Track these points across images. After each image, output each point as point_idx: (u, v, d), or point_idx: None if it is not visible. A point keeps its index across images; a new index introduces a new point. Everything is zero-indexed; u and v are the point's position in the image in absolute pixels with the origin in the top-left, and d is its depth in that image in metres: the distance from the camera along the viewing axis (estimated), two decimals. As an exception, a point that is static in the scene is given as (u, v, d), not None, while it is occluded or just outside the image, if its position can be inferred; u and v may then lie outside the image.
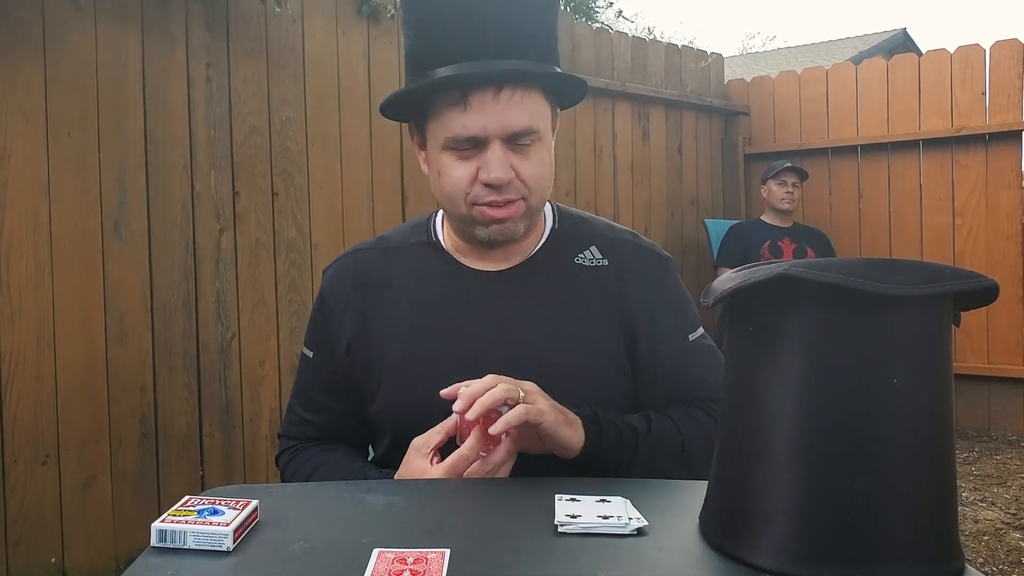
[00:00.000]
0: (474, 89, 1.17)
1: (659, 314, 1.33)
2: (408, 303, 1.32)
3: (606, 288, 1.32)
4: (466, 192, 1.22)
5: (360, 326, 1.33)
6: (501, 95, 1.17)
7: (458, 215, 1.26)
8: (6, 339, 2.78)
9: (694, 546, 0.88)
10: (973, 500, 3.93)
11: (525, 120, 1.19)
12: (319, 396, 1.39)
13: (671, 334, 1.34)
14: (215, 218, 3.29)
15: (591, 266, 1.33)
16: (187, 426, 3.21)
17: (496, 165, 1.18)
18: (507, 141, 1.19)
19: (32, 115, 2.84)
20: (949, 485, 0.81)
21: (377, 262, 1.37)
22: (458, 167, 1.21)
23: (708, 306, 0.90)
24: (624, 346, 1.31)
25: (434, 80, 1.17)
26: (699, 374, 1.34)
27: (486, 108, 1.17)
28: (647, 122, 5.32)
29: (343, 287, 1.37)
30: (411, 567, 0.81)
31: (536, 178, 1.22)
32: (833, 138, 5.55)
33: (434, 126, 1.23)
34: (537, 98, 1.21)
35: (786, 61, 16.09)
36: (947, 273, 0.79)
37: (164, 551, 0.87)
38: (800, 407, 0.79)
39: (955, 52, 5.07)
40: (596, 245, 1.36)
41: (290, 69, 3.53)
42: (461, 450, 1.11)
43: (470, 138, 1.19)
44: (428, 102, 1.22)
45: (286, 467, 1.41)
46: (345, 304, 1.35)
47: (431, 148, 1.25)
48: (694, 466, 1.25)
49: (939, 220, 5.17)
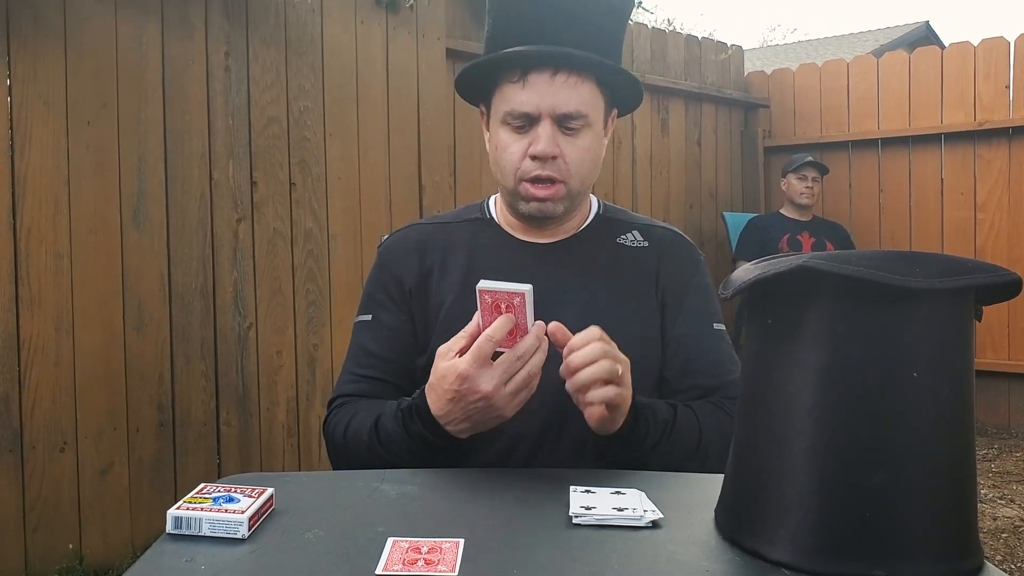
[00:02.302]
0: (533, 68, 1.28)
1: (689, 298, 1.42)
2: (463, 268, 1.40)
3: (645, 267, 1.42)
4: (517, 166, 1.32)
5: (422, 282, 1.41)
6: (557, 77, 1.27)
7: (507, 188, 1.37)
8: (25, 326, 2.80)
9: (709, 539, 0.87)
10: (992, 497, 3.90)
11: (575, 103, 1.28)
12: (374, 348, 1.40)
13: (697, 317, 1.42)
14: (233, 207, 3.30)
15: (632, 246, 1.43)
16: (204, 414, 3.23)
17: (544, 140, 1.28)
18: (558, 122, 1.29)
19: (52, 103, 2.86)
20: (968, 481, 0.80)
21: (435, 233, 1.46)
22: (512, 142, 1.32)
23: (726, 298, 0.89)
24: (658, 320, 1.39)
25: (498, 55, 1.29)
26: (715, 359, 1.40)
27: (541, 87, 1.28)
28: (666, 114, 5.30)
29: (406, 251, 1.44)
30: (425, 556, 0.81)
31: (578, 162, 1.32)
32: (854, 131, 5.50)
33: (497, 100, 1.34)
34: (591, 87, 1.30)
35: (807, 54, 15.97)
36: (969, 266, 0.78)
37: (180, 538, 0.87)
38: (818, 400, 0.79)
39: (979, 45, 5.02)
40: (638, 230, 1.46)
41: (308, 59, 3.53)
42: (486, 332, 1.10)
43: (524, 114, 1.29)
44: (494, 79, 1.33)
45: (329, 423, 1.37)
46: (408, 263, 1.43)
47: (492, 123, 1.36)
48: (708, 464, 1.26)
49: (960, 215, 5.12)
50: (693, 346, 1.39)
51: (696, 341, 1.40)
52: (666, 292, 1.41)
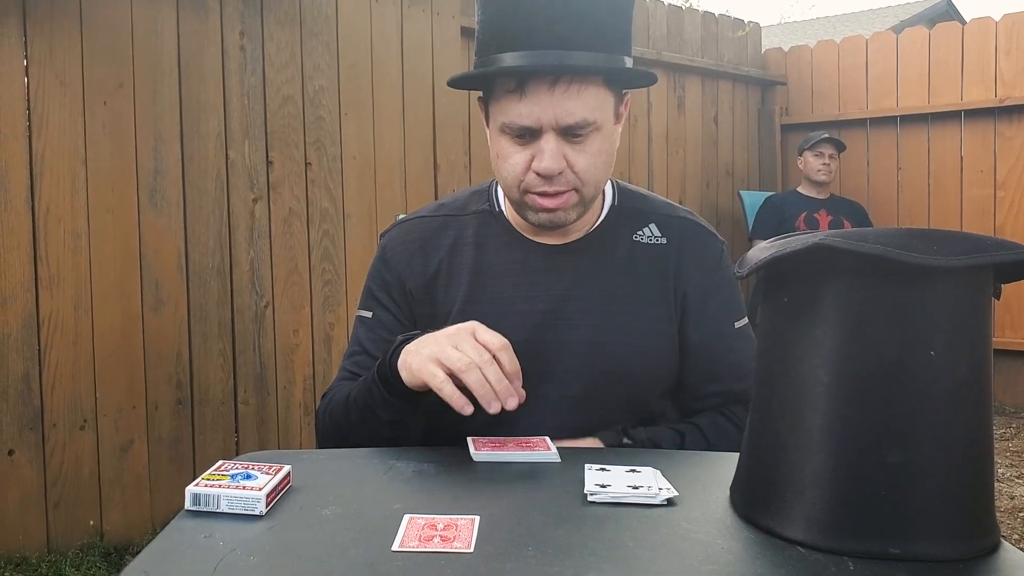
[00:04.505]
0: (530, 80, 1.16)
1: (711, 297, 1.35)
2: (470, 268, 1.33)
3: (663, 266, 1.33)
4: (520, 179, 1.22)
5: (424, 284, 1.35)
6: (557, 87, 1.16)
7: (512, 198, 1.27)
8: (45, 305, 2.83)
9: (724, 517, 0.87)
10: (1009, 476, 3.88)
11: (580, 113, 1.17)
12: (372, 349, 1.37)
13: (718, 318, 1.35)
14: (249, 187, 3.31)
15: (650, 243, 1.34)
16: (222, 392, 3.25)
17: (548, 156, 1.18)
18: (561, 133, 1.19)
19: (69, 84, 2.86)
20: (985, 460, 0.79)
21: (440, 228, 1.38)
22: (514, 153, 1.22)
23: (742, 276, 0.89)
24: (675, 324, 1.32)
25: (492, 69, 1.18)
26: (738, 361, 1.33)
27: (540, 99, 1.16)
28: (683, 92, 5.26)
29: (410, 248, 1.38)
30: (441, 533, 0.81)
31: (589, 170, 1.22)
32: (872, 109, 5.45)
33: (494, 108, 1.24)
34: (596, 90, 1.19)
35: (825, 30, 15.80)
36: (988, 244, 0.77)
37: (198, 514, 0.88)
38: (834, 379, 0.78)
39: (1000, 20, 4.95)
40: (655, 223, 1.36)
41: (323, 38, 3.52)
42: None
43: (524, 127, 1.19)
44: (490, 85, 1.23)
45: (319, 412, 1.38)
46: (412, 261, 1.37)
47: (492, 128, 1.26)
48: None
49: (980, 192, 5.07)
50: (714, 350, 1.33)
51: (718, 345, 1.34)
52: (686, 294, 1.33)
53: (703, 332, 1.33)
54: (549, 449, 1.10)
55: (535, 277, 1.31)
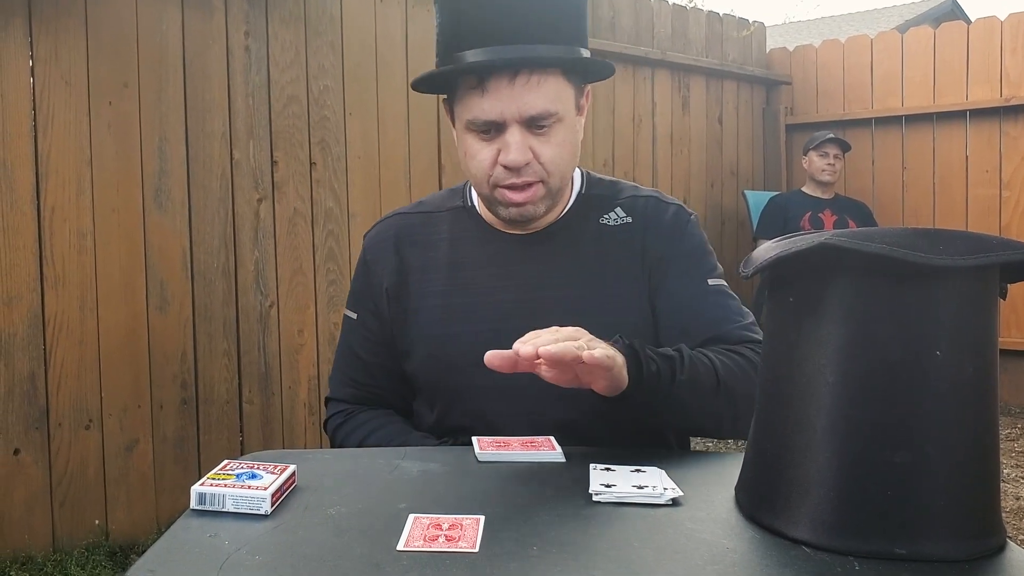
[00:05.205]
0: (491, 74, 1.20)
1: (676, 260, 1.35)
2: (444, 263, 1.37)
3: (630, 245, 1.35)
4: (488, 174, 1.26)
5: (399, 282, 1.39)
6: (517, 80, 1.20)
7: (482, 194, 1.32)
8: (50, 304, 2.83)
9: (729, 517, 0.87)
10: (1015, 477, 3.88)
11: (542, 104, 1.21)
12: (364, 354, 1.43)
13: (688, 277, 1.35)
14: (254, 187, 3.31)
15: (616, 226, 1.36)
16: (227, 392, 3.25)
17: (514, 148, 1.22)
18: (525, 125, 1.22)
19: (74, 84, 2.87)
20: (991, 460, 0.79)
21: (416, 225, 1.43)
22: (481, 149, 1.25)
23: (747, 277, 0.89)
24: (648, 301, 1.34)
25: (452, 68, 1.22)
26: (717, 315, 1.33)
27: (502, 93, 1.20)
28: (687, 91, 5.25)
29: (384, 246, 1.42)
30: (446, 533, 0.81)
31: (554, 160, 1.25)
32: (877, 108, 5.43)
33: (459, 108, 1.28)
34: (557, 81, 1.23)
35: (830, 30, 15.78)
36: (994, 244, 0.77)
37: (203, 514, 0.88)
38: (840, 378, 0.78)
39: (1006, 20, 4.94)
40: (621, 206, 1.39)
41: (328, 38, 3.52)
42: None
43: (488, 122, 1.22)
44: (453, 84, 1.27)
45: (337, 431, 1.42)
46: (386, 261, 1.40)
47: (458, 128, 1.30)
48: (736, 402, 1.20)
49: (985, 192, 5.06)
50: (687, 309, 1.32)
51: (690, 303, 1.33)
52: (653, 266, 1.34)
53: (674, 294, 1.33)
54: (554, 449, 1.10)
55: (508, 267, 1.34)
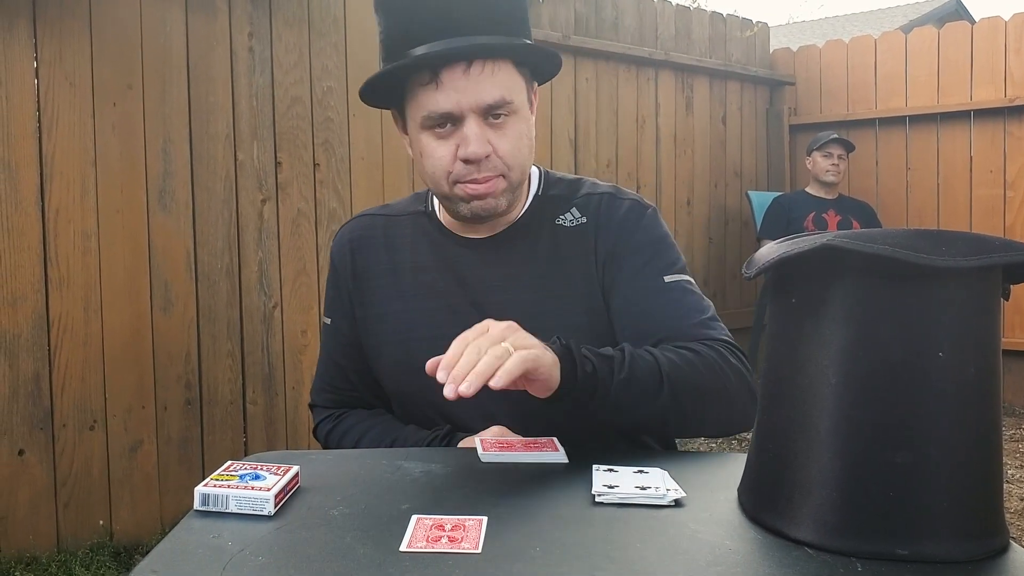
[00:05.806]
0: (444, 66, 1.19)
1: (628, 258, 1.32)
2: (403, 268, 1.38)
3: (584, 246, 1.33)
4: (448, 171, 1.24)
5: (362, 287, 1.40)
6: (471, 70, 1.19)
7: (441, 194, 1.29)
8: (55, 306, 2.84)
9: (732, 518, 0.87)
10: (1019, 477, 3.87)
11: (498, 92, 1.21)
12: (341, 360, 1.45)
13: (641, 275, 1.31)
14: (258, 188, 3.32)
15: (571, 227, 1.35)
16: (231, 393, 3.26)
17: (473, 140, 1.21)
18: (482, 115, 1.22)
19: (78, 85, 2.88)
20: (994, 461, 0.79)
21: (379, 228, 1.43)
22: (438, 147, 1.24)
23: (750, 278, 0.89)
24: (604, 301, 1.32)
25: (405, 62, 1.20)
26: (670, 312, 1.29)
27: (457, 84, 1.20)
28: (691, 92, 5.25)
29: (347, 250, 1.43)
30: (449, 533, 0.82)
31: (513, 153, 1.25)
32: (881, 108, 5.43)
33: (411, 107, 1.26)
34: (509, 71, 1.24)
35: (833, 30, 15.77)
36: (997, 244, 0.77)
37: (207, 514, 0.88)
38: (842, 379, 0.78)
39: (1010, 19, 4.93)
40: (577, 206, 1.36)
41: (331, 39, 3.53)
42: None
43: (445, 114, 1.21)
44: (403, 84, 1.25)
45: (329, 435, 1.43)
46: (351, 265, 1.42)
47: (412, 130, 1.28)
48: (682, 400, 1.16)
49: (989, 192, 5.05)
50: (640, 308, 1.29)
51: (642, 302, 1.29)
52: (605, 265, 1.32)
53: (627, 294, 1.30)
54: (557, 450, 1.10)
55: (464, 271, 1.34)
